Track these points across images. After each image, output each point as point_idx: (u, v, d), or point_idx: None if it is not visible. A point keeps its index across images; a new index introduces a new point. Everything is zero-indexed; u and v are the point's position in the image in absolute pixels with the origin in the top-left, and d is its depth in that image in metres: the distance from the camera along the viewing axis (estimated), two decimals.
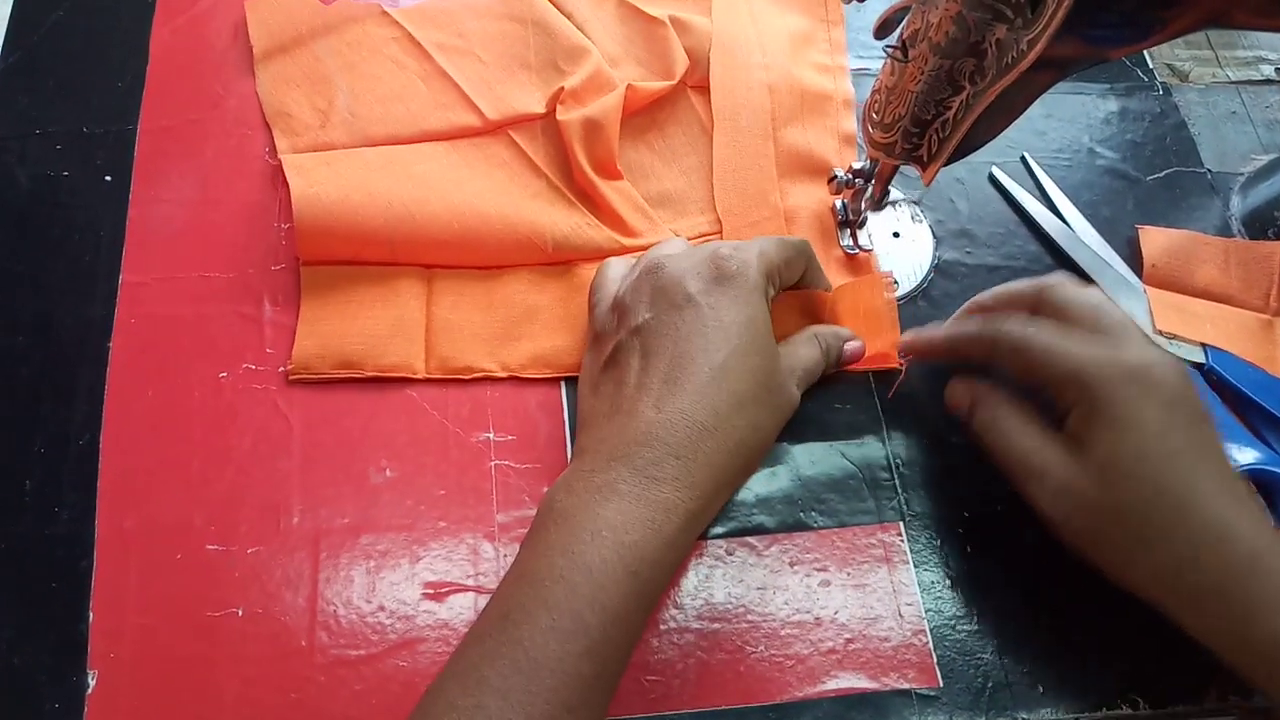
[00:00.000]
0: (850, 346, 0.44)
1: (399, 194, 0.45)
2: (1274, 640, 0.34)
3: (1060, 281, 0.41)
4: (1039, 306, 0.41)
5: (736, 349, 0.37)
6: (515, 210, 0.47)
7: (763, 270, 0.40)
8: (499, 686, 0.30)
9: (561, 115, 0.49)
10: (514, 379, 0.44)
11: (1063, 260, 0.50)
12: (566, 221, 0.47)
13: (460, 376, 0.44)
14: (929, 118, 0.41)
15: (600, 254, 0.47)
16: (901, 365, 0.46)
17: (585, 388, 0.41)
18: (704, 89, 0.53)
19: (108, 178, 0.47)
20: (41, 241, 0.45)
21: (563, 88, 0.49)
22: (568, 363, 0.45)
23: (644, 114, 0.52)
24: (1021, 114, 0.40)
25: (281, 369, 0.43)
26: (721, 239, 0.49)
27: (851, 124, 0.54)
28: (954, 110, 0.40)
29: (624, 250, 0.48)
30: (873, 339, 0.46)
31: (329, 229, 0.44)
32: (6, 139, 0.48)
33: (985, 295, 0.44)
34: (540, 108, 0.50)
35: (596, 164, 0.49)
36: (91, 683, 0.37)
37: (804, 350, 0.42)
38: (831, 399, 0.45)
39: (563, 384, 0.45)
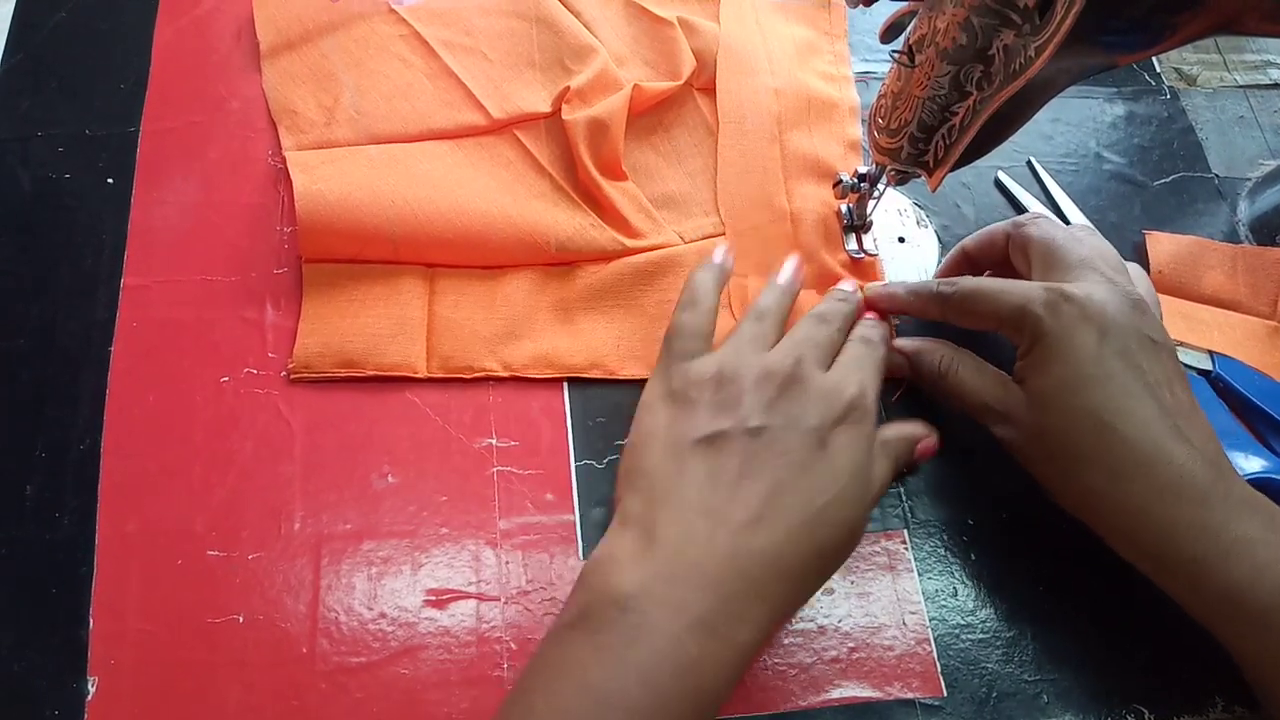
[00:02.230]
0: (925, 445, 0.42)
1: (403, 192, 0.45)
2: (1192, 563, 0.35)
3: (1031, 219, 0.43)
4: (1009, 245, 0.44)
5: (838, 497, 0.35)
6: (519, 210, 0.47)
7: (878, 409, 0.39)
8: None
9: (567, 115, 0.49)
10: (517, 384, 0.44)
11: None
12: (570, 222, 0.47)
13: (461, 376, 0.44)
14: (935, 123, 0.40)
15: (604, 255, 0.47)
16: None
17: (669, 440, 0.37)
18: (710, 91, 0.53)
19: (110, 180, 0.47)
20: (43, 244, 0.45)
21: (569, 87, 0.49)
22: (569, 363, 0.45)
23: (650, 115, 0.52)
24: (1029, 120, 0.40)
25: (283, 373, 0.43)
26: (725, 240, 0.49)
27: (857, 130, 0.54)
28: (961, 116, 0.39)
29: (627, 252, 0.47)
30: None
31: (332, 226, 0.44)
32: (9, 141, 0.48)
33: (969, 239, 0.46)
34: (546, 107, 0.50)
35: (601, 164, 0.49)
36: (91, 689, 0.37)
37: (878, 473, 0.39)
38: None
39: (565, 389, 0.45)
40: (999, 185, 0.53)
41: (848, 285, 0.46)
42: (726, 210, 0.50)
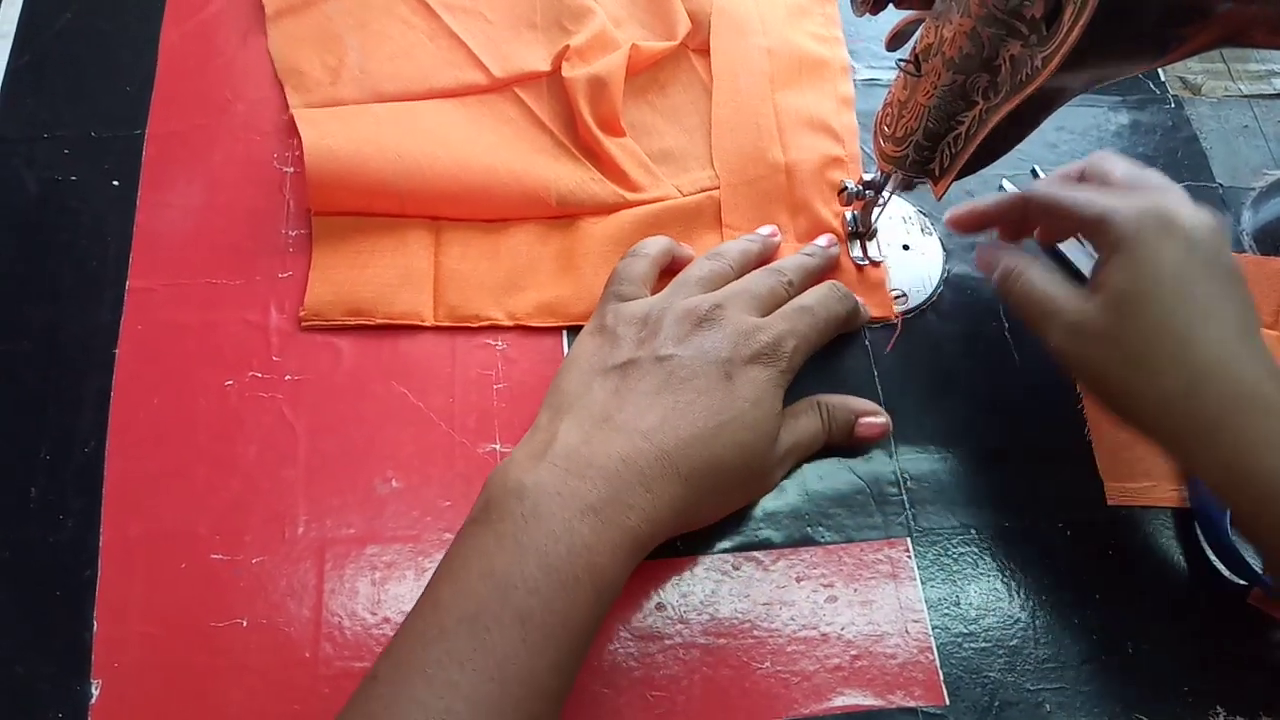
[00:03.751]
0: (867, 422, 0.44)
1: (408, 148, 0.46)
2: (1265, 476, 0.35)
3: (1105, 154, 0.43)
4: (1085, 175, 0.43)
5: (736, 419, 0.38)
6: (522, 165, 0.48)
7: (798, 364, 0.41)
8: (470, 694, 0.31)
9: (567, 72, 0.50)
10: (520, 389, 0.44)
11: (1074, 274, 0.50)
12: (571, 177, 0.48)
13: (468, 324, 0.45)
14: (941, 132, 0.41)
15: (604, 208, 0.49)
16: (896, 319, 0.47)
17: (587, 365, 0.40)
18: (705, 52, 0.54)
19: (115, 182, 0.47)
20: (49, 246, 0.45)
21: (568, 46, 0.50)
22: (572, 311, 0.46)
23: (646, 74, 0.53)
24: (1034, 129, 0.40)
25: (288, 377, 0.43)
26: (720, 194, 0.50)
27: (849, 87, 0.55)
28: (966, 125, 0.40)
29: (627, 204, 0.49)
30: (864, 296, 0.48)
31: (340, 180, 0.45)
32: (15, 143, 0.48)
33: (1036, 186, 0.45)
34: (546, 66, 0.51)
35: (601, 121, 0.50)
36: (95, 692, 0.37)
37: (803, 423, 0.42)
38: None
39: None
40: (1003, 193, 0.53)
41: (823, 240, 0.48)
42: (721, 164, 0.51)
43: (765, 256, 0.47)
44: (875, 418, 0.44)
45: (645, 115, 0.53)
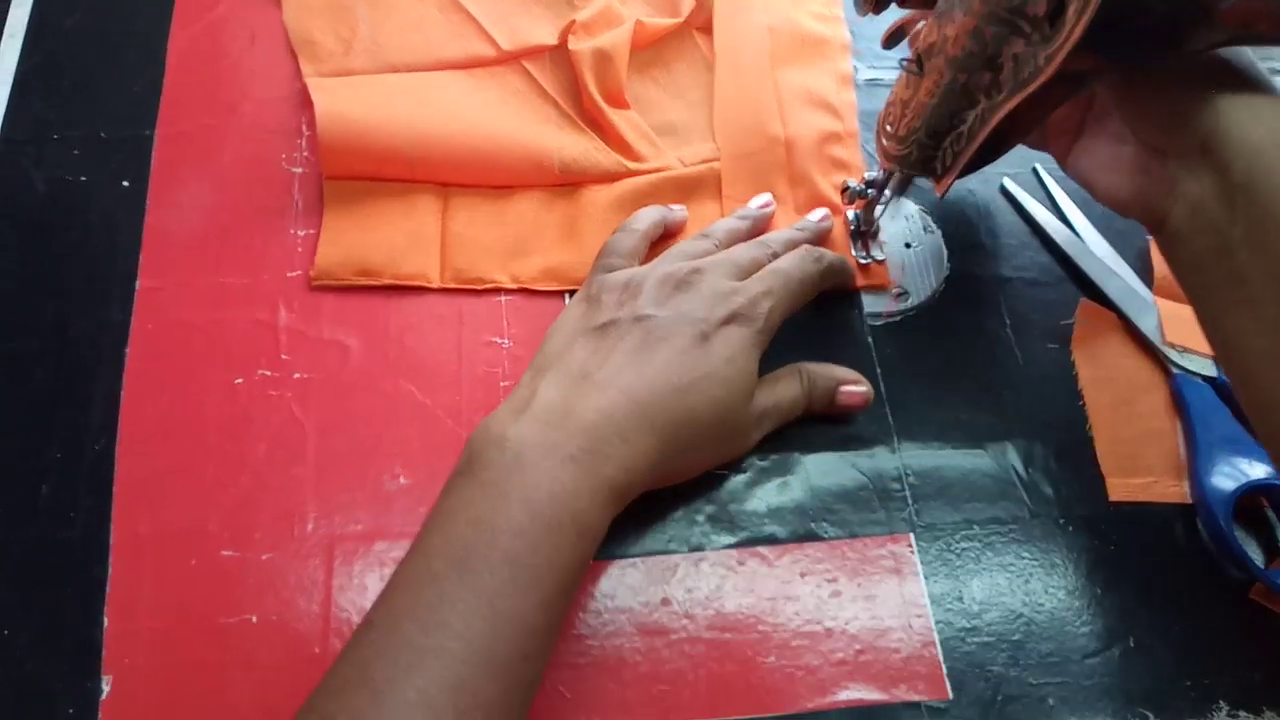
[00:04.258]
0: (848, 390, 0.44)
1: (418, 116, 0.48)
2: None
3: None
4: None
5: (710, 375, 0.39)
6: (527, 134, 0.50)
7: (775, 325, 0.42)
8: (462, 631, 0.31)
9: (573, 45, 0.51)
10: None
11: (1074, 272, 0.50)
12: (575, 146, 0.50)
13: (473, 287, 0.46)
14: (944, 130, 0.41)
15: (608, 177, 0.50)
16: (892, 287, 0.49)
17: (569, 329, 0.42)
18: (708, 30, 0.56)
19: (124, 182, 0.47)
20: (58, 246, 0.46)
21: (574, 20, 0.52)
22: (574, 276, 0.47)
23: (650, 50, 0.55)
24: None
25: (297, 375, 0.43)
26: (721, 165, 0.51)
27: (849, 65, 0.56)
28: (969, 123, 0.40)
29: (630, 173, 0.50)
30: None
31: (351, 145, 0.47)
32: (24, 143, 0.48)
33: None
34: (552, 39, 0.52)
35: (605, 93, 0.51)
36: (106, 688, 0.37)
37: (782, 387, 0.43)
38: None
39: None
40: (1005, 192, 0.53)
41: (815, 215, 0.49)
42: (722, 138, 0.52)
43: (754, 233, 0.48)
44: (856, 386, 0.44)
45: (649, 90, 0.54)
